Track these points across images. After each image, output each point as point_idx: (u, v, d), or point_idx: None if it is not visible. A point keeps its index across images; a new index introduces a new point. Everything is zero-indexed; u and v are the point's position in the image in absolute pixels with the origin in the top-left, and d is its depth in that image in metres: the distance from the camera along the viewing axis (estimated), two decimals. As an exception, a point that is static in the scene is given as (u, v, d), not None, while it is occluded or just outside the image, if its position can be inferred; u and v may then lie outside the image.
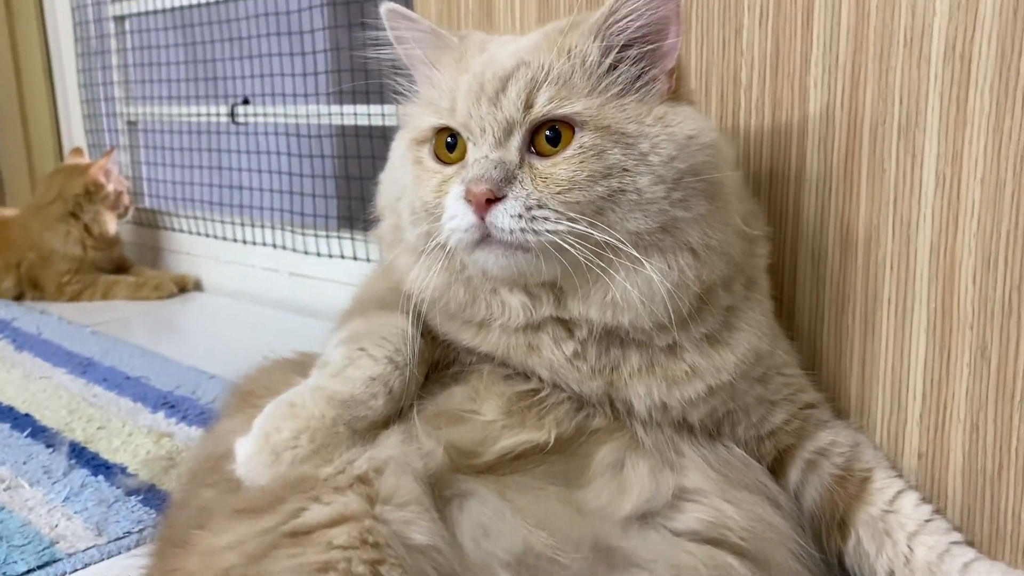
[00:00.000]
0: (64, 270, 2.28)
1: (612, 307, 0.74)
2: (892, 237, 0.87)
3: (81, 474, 1.17)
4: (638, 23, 0.73)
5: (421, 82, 0.83)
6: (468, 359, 0.83)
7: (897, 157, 0.85)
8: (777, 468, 0.87)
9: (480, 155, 0.73)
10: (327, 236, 1.96)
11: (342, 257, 1.92)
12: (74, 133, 2.76)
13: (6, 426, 1.34)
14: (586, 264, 0.72)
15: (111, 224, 2.33)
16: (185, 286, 2.31)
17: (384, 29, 0.83)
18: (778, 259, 0.96)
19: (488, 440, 0.75)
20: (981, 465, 0.83)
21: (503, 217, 0.70)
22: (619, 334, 0.77)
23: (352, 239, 1.91)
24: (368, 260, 1.84)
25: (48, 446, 1.26)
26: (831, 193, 0.91)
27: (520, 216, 0.70)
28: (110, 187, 2.31)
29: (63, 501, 1.09)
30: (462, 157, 0.76)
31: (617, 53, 0.74)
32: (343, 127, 1.98)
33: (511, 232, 0.70)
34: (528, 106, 0.72)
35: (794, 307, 0.96)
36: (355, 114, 1.86)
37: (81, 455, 1.23)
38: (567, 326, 0.78)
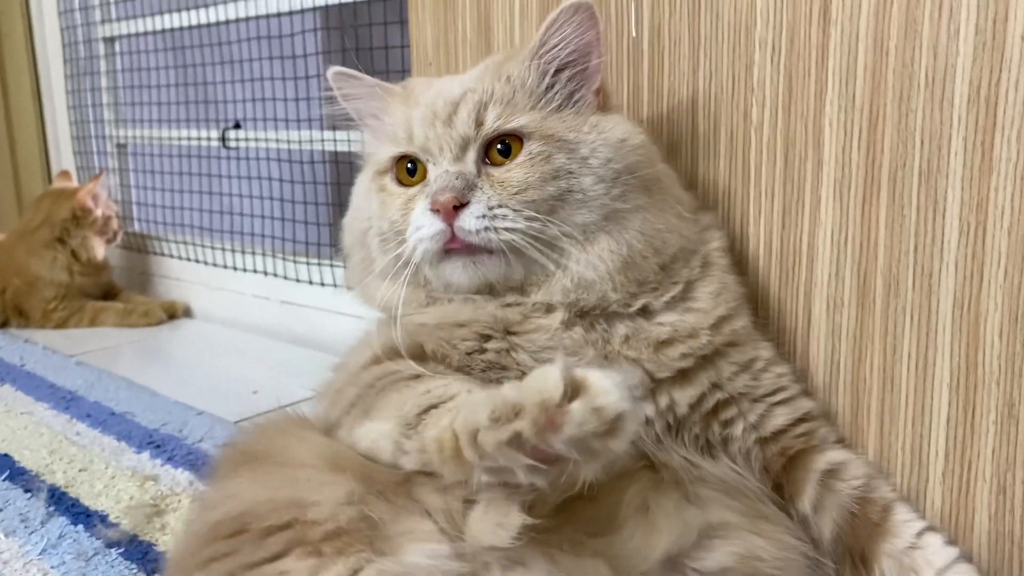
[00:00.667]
0: (50, 296, 2.22)
1: (575, 290, 0.80)
2: (913, 287, 0.83)
3: (60, 523, 1.11)
4: (567, 50, 0.84)
5: (371, 130, 0.93)
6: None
7: (918, 203, 0.81)
8: (789, 484, 0.84)
9: (441, 170, 0.82)
10: (319, 264, 1.92)
11: (335, 286, 1.88)
12: (62, 156, 2.71)
13: (-17, 468, 1.29)
14: (545, 256, 0.79)
15: (99, 249, 2.28)
16: (174, 313, 2.26)
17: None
18: (791, 308, 0.92)
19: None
20: (1009, 528, 0.79)
21: (468, 219, 0.78)
22: (595, 311, 0.81)
23: (345, 268, 1.86)
24: (361, 290, 1.79)
25: (26, 491, 1.21)
26: (848, 239, 0.87)
27: (484, 216, 0.78)
28: (98, 211, 2.26)
29: (39, 554, 1.04)
30: (423, 179, 0.84)
31: (551, 76, 0.84)
32: (336, 153, 1.94)
33: (477, 232, 0.78)
34: (479, 123, 0.82)
35: (808, 358, 0.92)
36: (348, 140, 1.82)
37: (60, 501, 1.18)
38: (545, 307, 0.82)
